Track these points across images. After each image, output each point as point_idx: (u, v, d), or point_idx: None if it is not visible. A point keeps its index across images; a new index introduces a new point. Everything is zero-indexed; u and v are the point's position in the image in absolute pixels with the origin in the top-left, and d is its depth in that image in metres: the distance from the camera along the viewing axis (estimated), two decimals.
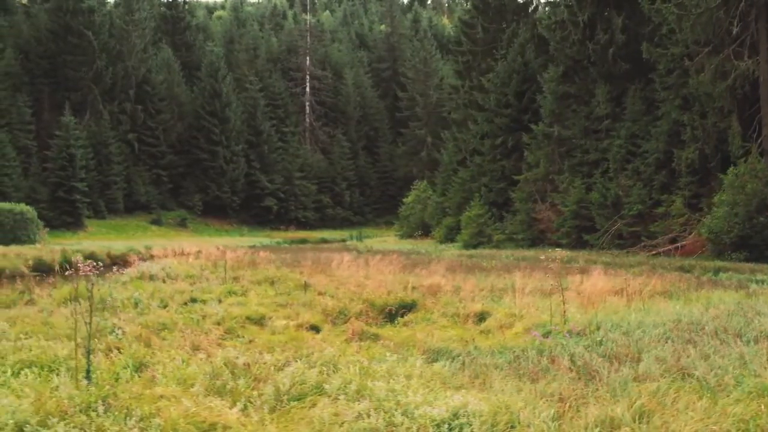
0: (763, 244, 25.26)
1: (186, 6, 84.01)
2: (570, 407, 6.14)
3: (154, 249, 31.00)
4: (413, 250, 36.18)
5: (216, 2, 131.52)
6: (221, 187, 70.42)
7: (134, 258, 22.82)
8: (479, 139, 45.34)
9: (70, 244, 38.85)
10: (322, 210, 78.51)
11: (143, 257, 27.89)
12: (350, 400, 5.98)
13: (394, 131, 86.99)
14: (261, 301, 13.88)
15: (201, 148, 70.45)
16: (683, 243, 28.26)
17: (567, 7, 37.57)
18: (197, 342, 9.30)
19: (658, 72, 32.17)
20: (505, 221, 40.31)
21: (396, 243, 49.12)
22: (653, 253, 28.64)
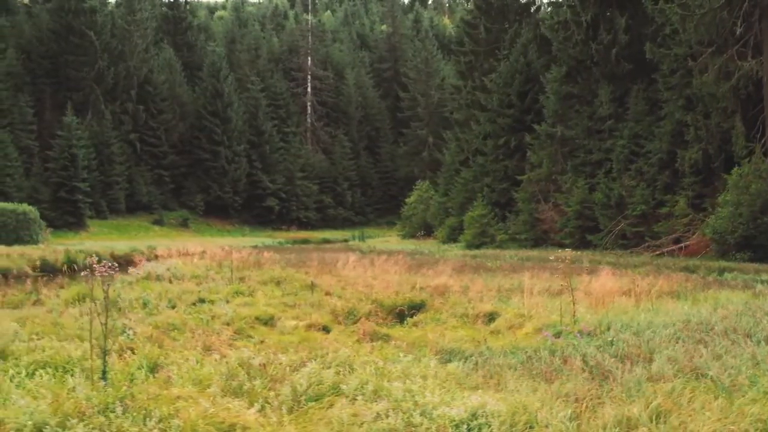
0: None
1: (187, 6, 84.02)
2: (586, 407, 6.15)
3: (159, 249, 31.02)
4: (417, 251, 36.20)
5: (217, 2, 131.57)
6: (223, 187, 70.44)
7: (139, 258, 22.83)
8: (482, 139, 45.34)
9: (73, 245, 38.86)
10: (324, 210, 78.54)
11: (148, 257, 27.89)
12: (368, 401, 5.98)
13: (396, 131, 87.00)
14: (269, 302, 13.90)
15: (203, 148, 70.47)
16: (687, 243, 28.27)
17: (570, 8, 37.56)
18: (208, 342, 9.31)
19: (661, 72, 32.18)
20: (508, 221, 40.32)
21: (399, 243, 49.13)
22: (657, 254, 28.64)
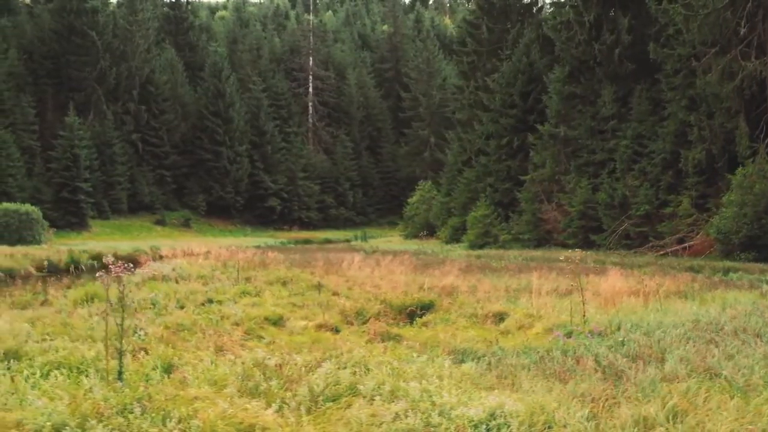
0: None
1: (189, 6, 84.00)
2: (603, 407, 6.16)
3: (163, 249, 31.06)
4: (420, 251, 36.20)
5: (218, 2, 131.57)
6: (225, 188, 70.46)
7: (144, 258, 22.84)
8: (484, 140, 45.36)
9: (76, 245, 38.92)
10: (326, 210, 78.56)
11: (152, 258, 27.91)
12: (386, 401, 5.99)
13: (397, 131, 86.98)
14: (276, 302, 13.90)
15: (204, 149, 70.48)
16: (691, 243, 28.29)
17: (573, 8, 37.58)
18: (220, 343, 9.32)
19: (665, 72, 32.20)
20: (511, 221, 40.34)
21: (401, 243, 49.15)
22: (661, 254, 28.66)
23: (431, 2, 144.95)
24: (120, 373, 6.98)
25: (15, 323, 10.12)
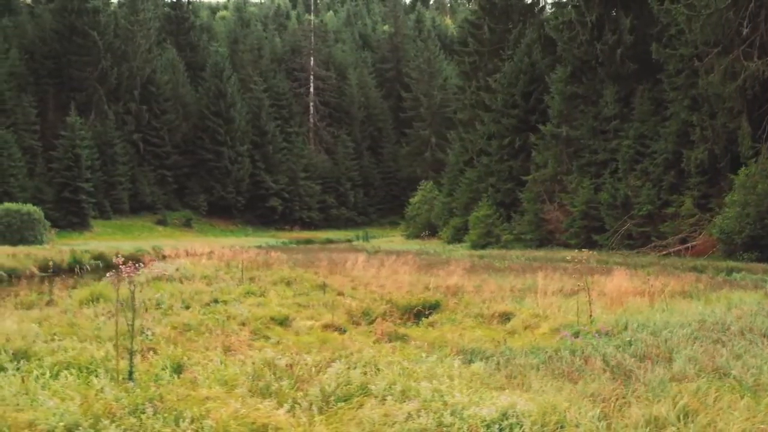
0: None
1: (190, 6, 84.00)
2: (614, 407, 6.18)
3: (166, 249, 31.05)
4: (422, 251, 36.21)
5: (219, 2, 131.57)
6: (226, 188, 70.48)
7: (148, 258, 22.84)
8: (486, 140, 45.36)
9: (78, 245, 38.92)
10: (327, 210, 78.57)
11: (155, 258, 27.92)
12: (397, 401, 6.00)
13: (398, 131, 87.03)
14: (281, 302, 13.89)
15: (206, 149, 70.49)
16: (694, 243, 28.30)
17: (575, 8, 37.57)
18: (227, 343, 9.33)
19: (667, 72, 32.19)
20: (513, 221, 40.33)
21: (403, 243, 49.15)
22: (663, 254, 28.68)
23: (432, 2, 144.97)
24: (131, 374, 6.99)
25: (23, 323, 10.12)
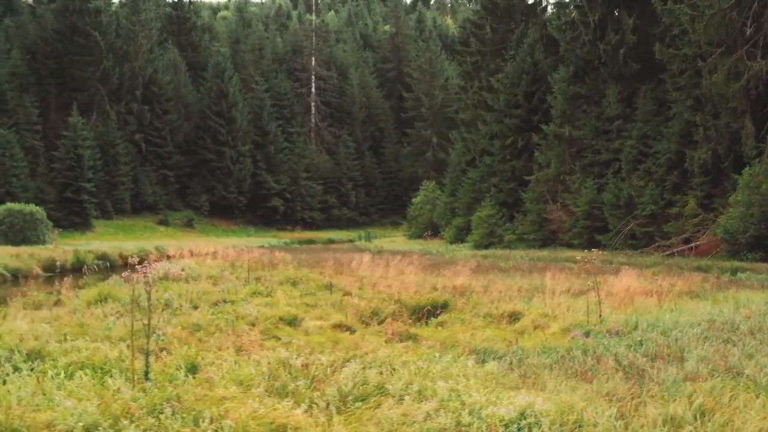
0: None
1: (191, 6, 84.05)
2: (630, 407, 6.20)
3: (170, 250, 31.06)
4: (426, 251, 36.23)
5: (219, 2, 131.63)
6: (228, 188, 70.49)
7: (152, 258, 22.82)
8: (489, 140, 45.40)
9: (80, 245, 38.94)
10: (328, 210, 78.58)
11: (160, 258, 27.92)
12: (415, 401, 6.01)
13: (400, 132, 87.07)
14: (289, 302, 13.89)
15: (208, 149, 70.51)
16: (698, 243, 28.32)
17: (577, 8, 37.64)
18: (239, 343, 9.33)
19: (670, 72, 32.21)
20: (516, 222, 40.36)
21: (405, 243, 49.18)
22: (667, 254, 28.70)
23: (432, 2, 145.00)
24: (146, 374, 7.00)
25: (34, 324, 10.13)
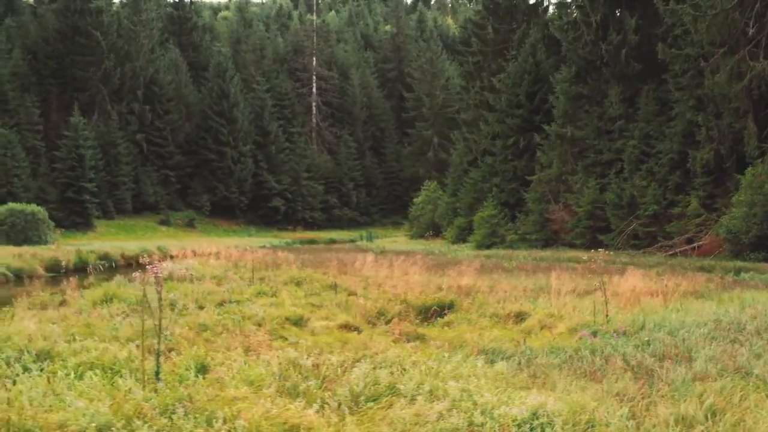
0: None
1: (192, 6, 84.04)
2: (641, 406, 6.21)
3: (173, 250, 31.07)
4: (428, 251, 36.22)
5: (220, 2, 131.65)
6: (229, 188, 70.47)
7: (156, 258, 22.84)
8: (490, 140, 45.39)
9: (82, 245, 38.94)
10: (329, 210, 78.55)
11: (162, 258, 27.91)
12: (427, 401, 6.02)
13: (401, 132, 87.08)
14: (294, 302, 13.89)
15: (209, 149, 70.49)
16: (700, 243, 28.33)
17: (579, 8, 37.65)
18: (246, 343, 9.33)
19: (672, 72, 32.23)
20: (518, 222, 40.36)
21: (407, 243, 49.18)
22: (670, 254, 28.70)
23: (433, 2, 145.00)
24: (157, 374, 6.99)
25: (42, 324, 10.14)
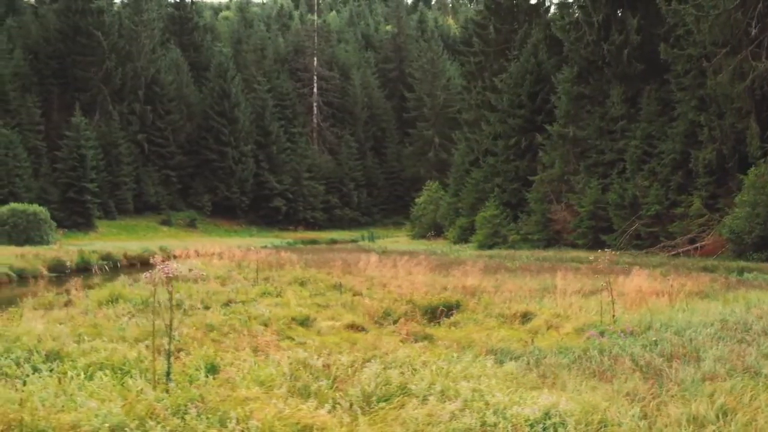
0: None
1: (193, 6, 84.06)
2: (652, 406, 6.22)
3: (176, 250, 31.09)
4: (430, 251, 36.22)
5: (221, 3, 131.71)
6: (230, 188, 70.47)
7: (159, 258, 22.84)
8: (492, 140, 45.37)
9: (84, 245, 38.94)
10: (330, 210, 78.55)
11: (165, 258, 27.90)
12: (439, 401, 6.03)
13: (401, 132, 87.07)
14: (299, 302, 13.89)
15: (210, 149, 70.49)
16: (703, 243, 28.33)
17: (581, 8, 37.64)
18: (254, 343, 9.33)
19: (674, 73, 32.23)
20: (520, 222, 40.35)
21: (409, 243, 49.17)
22: (672, 254, 28.71)
23: (433, 2, 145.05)
24: (168, 374, 6.99)
25: (49, 325, 10.14)
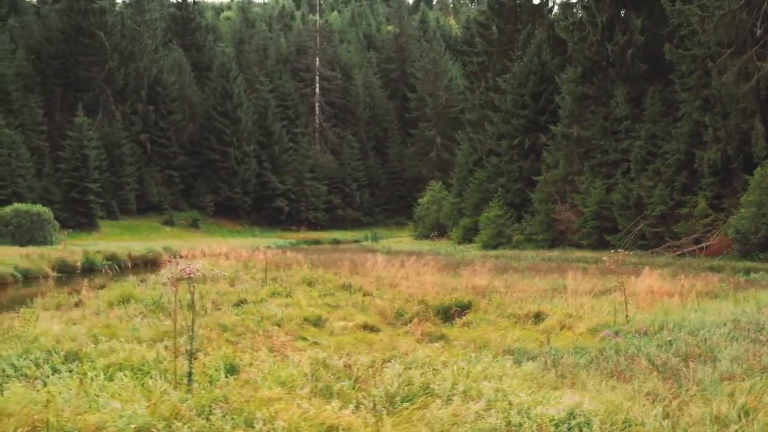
0: None
1: (195, 6, 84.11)
2: (674, 406, 6.23)
3: (182, 250, 31.12)
4: (435, 251, 36.22)
5: (223, 3, 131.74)
6: (233, 188, 70.55)
7: (166, 258, 22.88)
8: (496, 140, 45.39)
9: (87, 245, 38.98)
10: (333, 211, 78.62)
11: (171, 258, 27.93)
12: (463, 401, 6.04)
13: (404, 132, 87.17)
14: (310, 303, 13.89)
15: (212, 149, 70.58)
16: (708, 243, 28.33)
17: (585, 8, 37.65)
18: (269, 344, 9.35)
19: (678, 73, 32.21)
20: (524, 222, 40.35)
21: (412, 244, 49.18)
22: (678, 254, 28.70)
23: (435, 2, 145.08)
24: (190, 375, 7.00)
25: (65, 325, 10.16)
